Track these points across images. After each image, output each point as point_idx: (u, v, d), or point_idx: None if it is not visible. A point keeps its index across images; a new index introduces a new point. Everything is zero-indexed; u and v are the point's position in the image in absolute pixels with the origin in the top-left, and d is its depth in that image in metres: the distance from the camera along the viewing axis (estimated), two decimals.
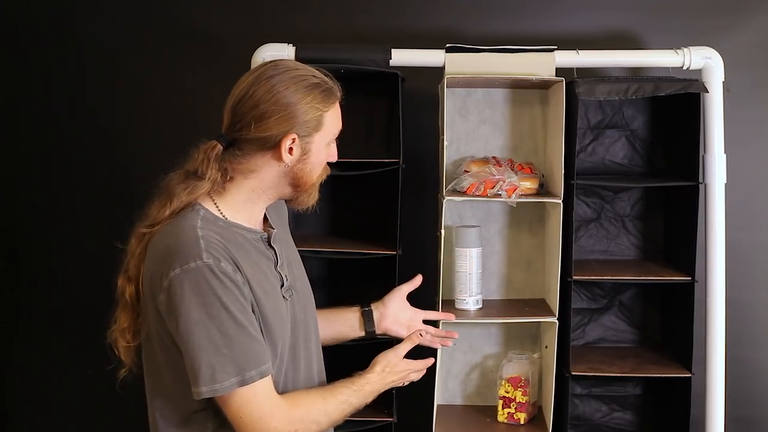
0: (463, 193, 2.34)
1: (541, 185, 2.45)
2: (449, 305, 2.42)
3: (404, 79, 2.36)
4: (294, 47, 2.36)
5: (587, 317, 2.61)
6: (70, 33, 2.76)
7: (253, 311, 1.48)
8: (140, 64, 2.74)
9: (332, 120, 1.57)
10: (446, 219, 2.35)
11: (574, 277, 2.31)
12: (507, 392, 2.42)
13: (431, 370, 2.29)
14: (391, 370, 1.73)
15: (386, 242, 2.36)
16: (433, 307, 2.37)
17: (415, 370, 1.81)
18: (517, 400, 2.41)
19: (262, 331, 1.49)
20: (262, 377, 1.43)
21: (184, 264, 1.40)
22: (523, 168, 2.43)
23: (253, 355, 1.43)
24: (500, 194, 2.32)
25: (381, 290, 2.04)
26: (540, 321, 2.42)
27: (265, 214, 1.65)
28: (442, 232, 2.33)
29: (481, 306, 2.44)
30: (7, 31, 2.79)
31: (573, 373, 2.31)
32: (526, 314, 2.41)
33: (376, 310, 1.94)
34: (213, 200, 1.54)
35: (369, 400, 1.68)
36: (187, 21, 2.71)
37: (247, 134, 1.50)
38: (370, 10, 2.67)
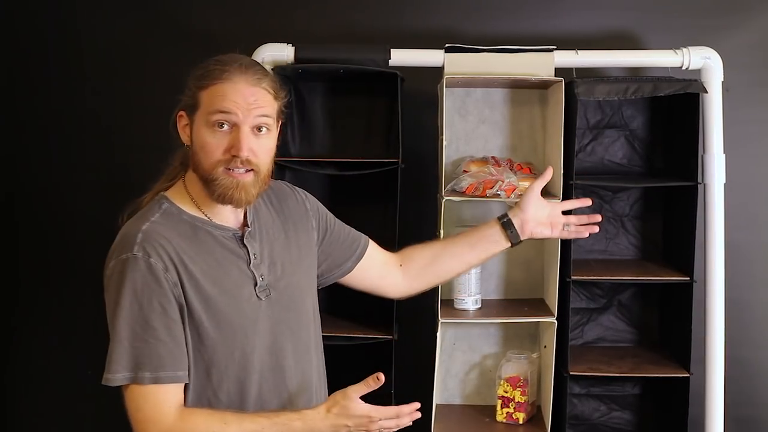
0: (462, 193, 2.34)
1: None
2: (448, 305, 2.43)
3: (404, 79, 2.37)
4: (294, 47, 2.37)
5: (586, 317, 2.61)
6: (70, 32, 2.76)
7: (183, 314, 1.47)
8: (140, 63, 2.74)
9: (209, 99, 1.53)
10: (445, 219, 2.36)
11: (573, 277, 2.31)
12: (506, 392, 2.42)
13: (431, 372, 2.31)
14: (340, 413, 1.47)
15: (386, 242, 2.35)
16: (432, 306, 2.37)
17: (385, 417, 1.49)
18: (516, 400, 2.41)
19: (191, 336, 1.48)
20: (156, 382, 1.42)
21: (119, 255, 1.45)
22: (522, 168, 2.43)
23: (154, 357, 1.42)
24: (499, 194, 2.32)
25: None
26: (539, 321, 2.42)
27: (246, 211, 1.63)
28: (442, 232, 2.33)
29: (480, 306, 2.44)
30: (7, 31, 2.79)
31: (571, 373, 2.31)
32: (525, 314, 2.41)
33: (515, 217, 1.82)
34: (188, 192, 1.56)
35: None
36: (186, 21, 2.71)
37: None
38: (370, 10, 2.67)
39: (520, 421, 2.41)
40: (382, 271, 1.87)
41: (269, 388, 1.56)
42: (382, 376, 1.48)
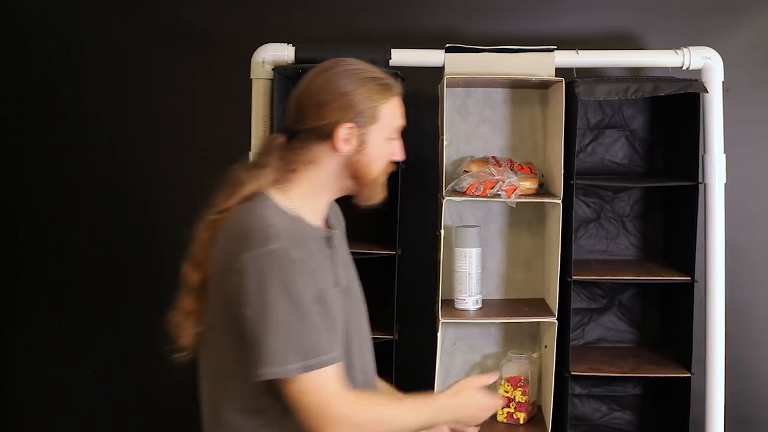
0: (462, 193, 2.34)
1: (541, 185, 2.45)
2: (449, 305, 2.43)
3: (404, 79, 2.35)
4: (294, 47, 2.36)
5: (587, 317, 2.61)
6: (70, 32, 2.76)
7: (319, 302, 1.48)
8: (140, 63, 2.74)
9: (389, 114, 1.56)
10: (446, 219, 2.36)
11: (573, 277, 2.31)
12: (506, 392, 2.42)
13: (431, 372, 2.31)
14: (487, 404, 1.60)
15: (386, 242, 2.36)
16: (432, 306, 2.37)
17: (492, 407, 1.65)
18: (517, 400, 2.41)
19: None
20: (328, 365, 1.41)
21: (257, 248, 1.40)
22: (522, 168, 2.43)
23: (320, 342, 1.41)
24: (500, 194, 2.32)
25: (380, 290, 2.03)
26: (539, 321, 2.42)
27: (328, 215, 1.66)
28: (442, 232, 2.33)
29: (480, 306, 2.44)
30: (7, 31, 2.79)
31: (572, 373, 2.31)
32: (525, 314, 2.41)
33: None
34: (280, 192, 1.55)
35: (440, 420, 1.57)
36: (187, 21, 2.71)
37: (305, 124, 1.52)
38: (370, 10, 2.67)
39: (521, 421, 2.41)
40: None
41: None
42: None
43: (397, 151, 1.59)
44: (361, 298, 1.70)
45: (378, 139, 1.54)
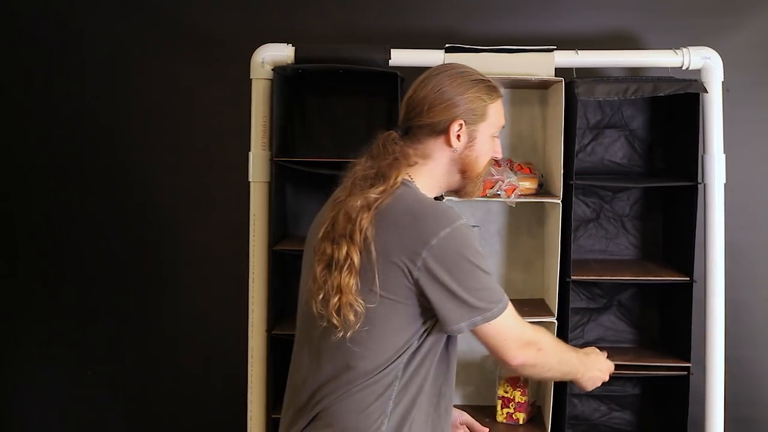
0: None
1: (540, 185, 2.45)
2: None
3: (404, 79, 2.37)
4: (294, 47, 2.37)
5: (586, 317, 2.61)
6: (70, 32, 2.76)
7: None
8: (140, 63, 2.74)
9: (495, 113, 1.69)
10: None
11: (573, 277, 2.31)
12: (506, 392, 2.42)
13: None
14: (595, 366, 1.80)
15: None
16: None
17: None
18: (516, 400, 2.41)
19: None
20: (509, 304, 1.60)
21: (450, 224, 1.54)
22: (522, 168, 2.43)
23: (500, 289, 1.60)
24: (499, 194, 2.32)
25: None
26: (539, 321, 2.42)
27: None
28: None
29: None
30: (7, 31, 2.79)
31: None
32: (525, 314, 2.36)
33: None
34: (411, 179, 1.66)
35: (578, 372, 1.77)
36: (187, 21, 2.71)
37: (419, 121, 1.65)
38: (370, 10, 2.68)
39: (521, 422, 2.42)
40: None
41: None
42: None
43: (498, 149, 1.73)
44: None
45: (485, 136, 1.68)
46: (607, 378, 1.83)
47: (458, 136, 1.64)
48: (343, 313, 1.54)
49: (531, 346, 1.62)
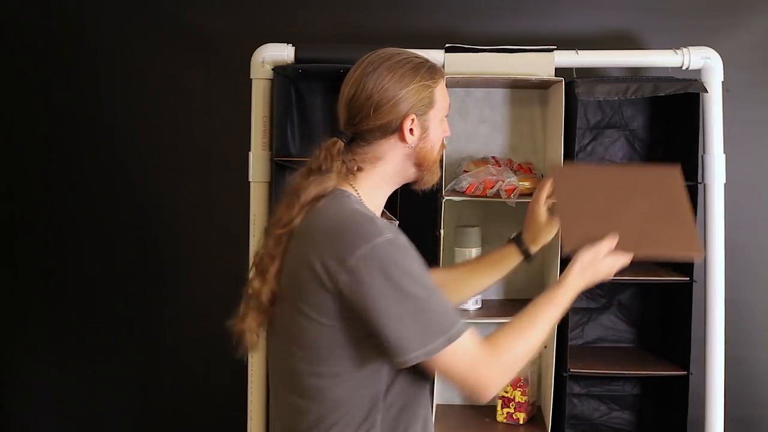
0: (462, 193, 2.34)
1: None
2: None
3: None
4: (294, 47, 2.37)
5: (586, 317, 2.61)
6: (70, 32, 2.76)
7: None
8: (140, 63, 2.74)
9: (442, 95, 1.60)
10: (446, 219, 2.35)
11: None
12: (506, 392, 2.42)
13: None
14: (594, 272, 1.59)
15: None
16: None
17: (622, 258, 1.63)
18: (516, 400, 2.41)
19: None
20: (463, 332, 1.44)
21: (368, 242, 1.40)
22: (522, 168, 2.43)
23: (451, 314, 1.44)
24: (500, 194, 2.32)
25: None
26: None
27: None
28: (442, 232, 2.33)
29: (480, 306, 2.44)
30: (7, 31, 2.79)
31: (571, 371, 2.31)
32: None
33: (525, 232, 1.85)
34: (353, 187, 1.57)
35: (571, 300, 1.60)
36: (186, 21, 2.71)
37: (366, 125, 1.54)
38: (370, 10, 2.68)
39: (521, 422, 2.41)
40: None
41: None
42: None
43: (447, 128, 1.63)
44: None
45: (436, 122, 1.58)
46: (618, 264, 1.60)
47: (411, 130, 1.54)
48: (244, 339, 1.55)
49: (498, 375, 1.45)
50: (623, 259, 1.60)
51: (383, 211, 1.65)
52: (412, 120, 1.54)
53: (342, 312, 1.42)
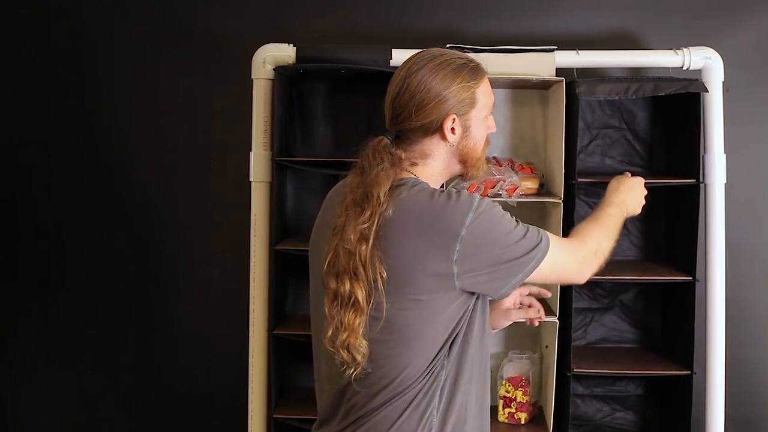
0: None
1: (542, 185, 2.45)
2: None
3: None
4: (295, 47, 2.36)
5: (589, 317, 2.61)
6: (70, 32, 2.75)
7: None
8: (140, 63, 2.73)
9: (484, 94, 1.66)
10: None
11: None
12: (507, 392, 2.42)
13: None
14: (628, 195, 1.93)
15: None
16: None
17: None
18: (518, 400, 2.41)
19: None
20: (548, 238, 1.62)
21: (472, 210, 1.52)
22: (523, 168, 2.43)
23: (533, 229, 1.61)
24: (501, 194, 2.32)
25: None
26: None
27: None
28: None
29: None
30: (8, 31, 2.78)
31: (575, 371, 2.31)
32: None
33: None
34: (416, 178, 1.62)
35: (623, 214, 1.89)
36: (187, 21, 2.71)
37: (409, 124, 1.60)
38: (371, 10, 2.68)
39: (522, 422, 2.41)
40: None
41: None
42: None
43: (492, 125, 1.70)
44: None
45: (478, 121, 1.65)
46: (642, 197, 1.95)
47: (452, 129, 1.60)
48: (351, 352, 1.50)
49: (587, 259, 1.69)
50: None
51: None
52: (453, 119, 1.60)
53: (458, 285, 1.51)
